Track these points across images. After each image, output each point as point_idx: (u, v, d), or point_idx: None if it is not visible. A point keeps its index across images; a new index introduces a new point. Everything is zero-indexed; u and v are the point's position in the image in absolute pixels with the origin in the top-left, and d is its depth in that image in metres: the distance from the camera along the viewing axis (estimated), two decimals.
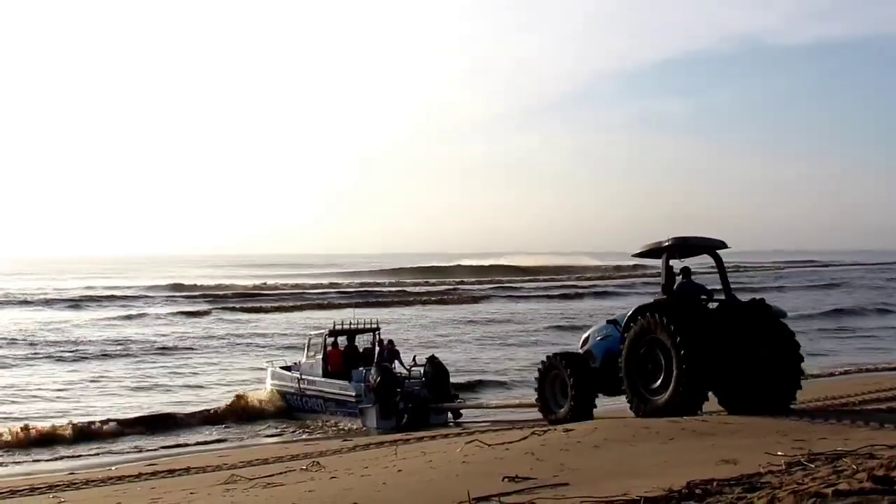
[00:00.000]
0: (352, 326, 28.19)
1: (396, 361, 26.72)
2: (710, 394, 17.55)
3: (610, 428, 16.67)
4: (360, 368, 25.80)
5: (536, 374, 20.18)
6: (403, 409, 24.20)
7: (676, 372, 16.75)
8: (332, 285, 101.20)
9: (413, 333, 48.66)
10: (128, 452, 23.12)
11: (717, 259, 18.83)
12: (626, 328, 17.80)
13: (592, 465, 12.82)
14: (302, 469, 15.53)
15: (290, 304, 71.48)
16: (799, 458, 11.44)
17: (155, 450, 23.36)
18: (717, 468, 11.46)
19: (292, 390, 27.88)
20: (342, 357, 27.24)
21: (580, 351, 19.80)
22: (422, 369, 25.81)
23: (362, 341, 28.17)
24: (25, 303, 72.30)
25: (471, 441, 15.86)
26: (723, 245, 18.76)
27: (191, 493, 13.42)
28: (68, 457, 22.69)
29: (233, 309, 66.68)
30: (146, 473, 17.72)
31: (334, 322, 29.05)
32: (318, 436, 24.62)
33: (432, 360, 25.74)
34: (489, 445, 15.12)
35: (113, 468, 19.46)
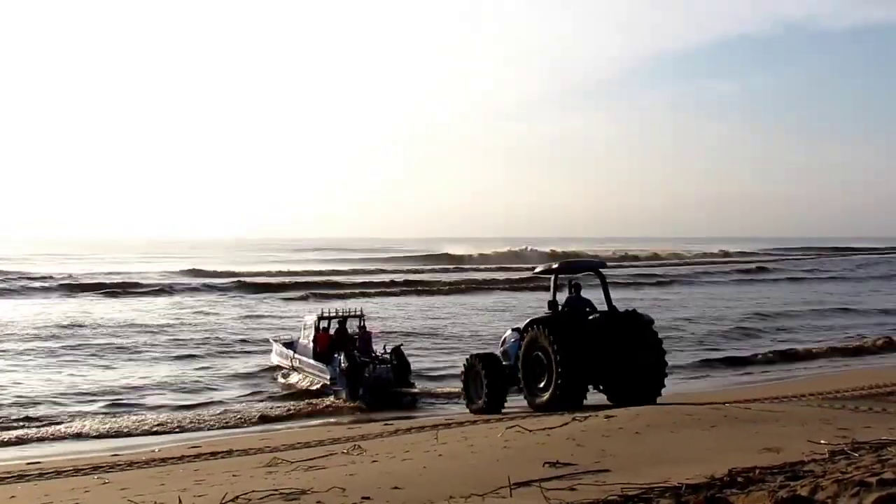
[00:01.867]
0: (339, 313, 31.31)
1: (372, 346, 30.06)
2: (600, 387, 21.01)
3: (652, 414, 16.63)
4: (336, 355, 28.64)
5: (461, 371, 23.08)
6: (364, 390, 27.06)
7: (555, 375, 20.02)
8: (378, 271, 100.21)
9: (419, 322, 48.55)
10: (170, 433, 23.32)
11: (600, 276, 22.35)
12: (522, 336, 21.10)
13: (633, 451, 12.79)
14: (343, 452, 15.58)
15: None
16: (843, 447, 11.35)
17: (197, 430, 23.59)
18: (760, 456, 11.40)
19: (287, 366, 31.59)
20: (329, 340, 30.24)
21: (499, 351, 22.51)
22: (389, 356, 28.44)
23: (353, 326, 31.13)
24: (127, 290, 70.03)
25: (512, 426, 15.86)
26: (602, 265, 23.29)
27: (233, 476, 13.51)
28: (111, 436, 22.88)
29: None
30: (189, 455, 17.84)
31: (322, 309, 32.60)
32: (360, 418, 24.71)
33: (396, 351, 28.57)
34: (530, 431, 15.11)
35: (156, 449, 19.62)
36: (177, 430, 23.60)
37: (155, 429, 23.59)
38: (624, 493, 8.90)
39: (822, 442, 12.27)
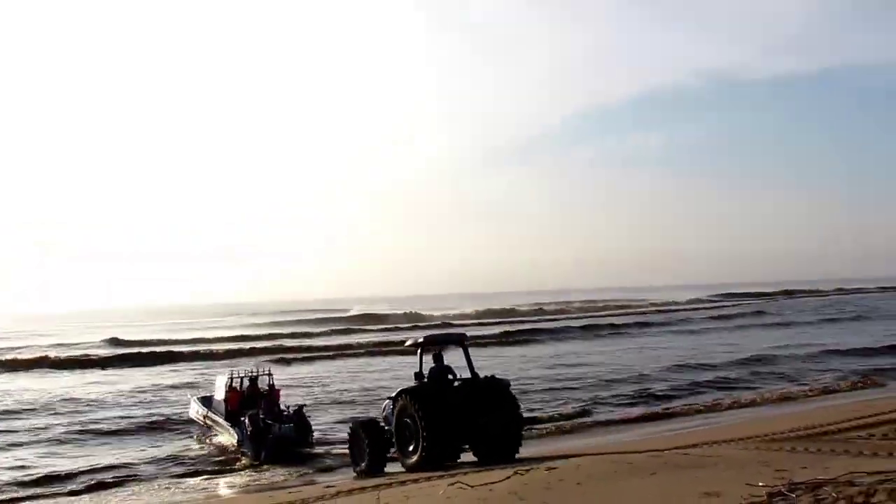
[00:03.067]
0: (250, 373, 33.50)
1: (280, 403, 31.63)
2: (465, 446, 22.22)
3: (593, 465, 16.72)
4: (243, 419, 29.89)
5: (347, 436, 24.55)
6: (268, 450, 28.50)
7: (421, 438, 21.54)
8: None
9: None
10: None
11: (463, 348, 24.10)
12: (393, 405, 22.64)
13: (576, 503, 12.85)
14: None
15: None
16: (780, 489, 11.52)
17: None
18: (700, 501, 11.53)
19: (201, 422, 33.35)
20: (239, 400, 32.03)
21: (381, 417, 23.90)
22: (292, 416, 29.99)
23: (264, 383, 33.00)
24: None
25: (454, 483, 15.85)
26: (464, 337, 25.03)
27: None
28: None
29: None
30: None
31: (231, 370, 34.48)
32: (299, 483, 24.46)
33: (298, 412, 30.13)
34: (472, 487, 15.11)
35: None
36: None
37: None
38: None
39: (761, 484, 12.43)
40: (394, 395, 22.97)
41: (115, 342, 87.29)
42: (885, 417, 24.57)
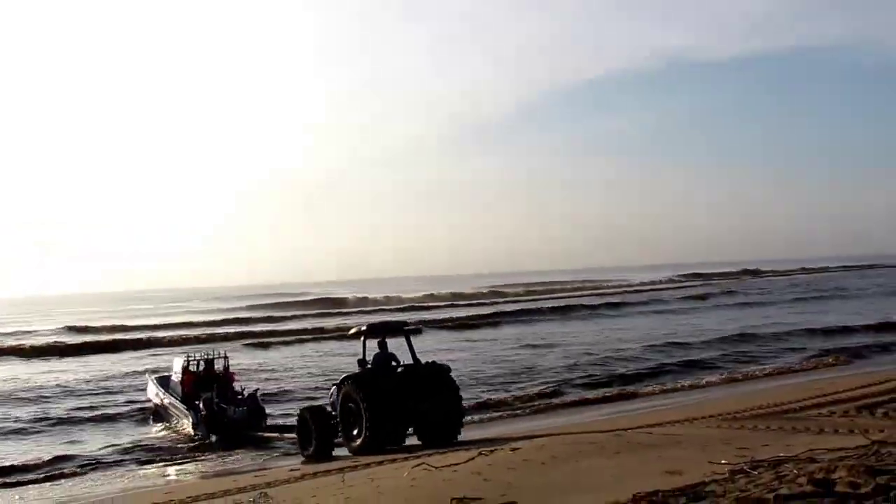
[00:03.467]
0: (206, 356, 33.88)
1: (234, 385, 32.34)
2: (409, 430, 23.15)
3: (556, 445, 16.77)
4: (197, 402, 30.56)
5: (295, 422, 25.15)
6: (221, 433, 29.31)
7: (364, 423, 22.37)
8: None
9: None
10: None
11: (405, 335, 25.11)
12: (338, 391, 23.49)
13: (540, 482, 12.90)
14: (250, 502, 15.43)
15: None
16: (742, 466, 11.60)
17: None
18: (663, 479, 11.58)
19: (158, 403, 33.98)
20: (194, 382, 32.34)
21: (328, 403, 24.51)
22: (246, 400, 30.60)
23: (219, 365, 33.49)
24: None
25: (418, 465, 15.86)
26: (405, 324, 26.22)
27: None
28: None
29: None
30: None
31: (188, 354, 34.66)
32: (272, 465, 24.41)
33: (252, 396, 30.77)
34: (436, 468, 15.13)
35: None
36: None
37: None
38: None
39: (723, 462, 12.52)
40: (338, 381, 23.88)
41: (73, 329, 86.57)
42: (846, 395, 24.82)
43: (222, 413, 30.00)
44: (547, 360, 45.31)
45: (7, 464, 25.97)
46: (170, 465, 26.05)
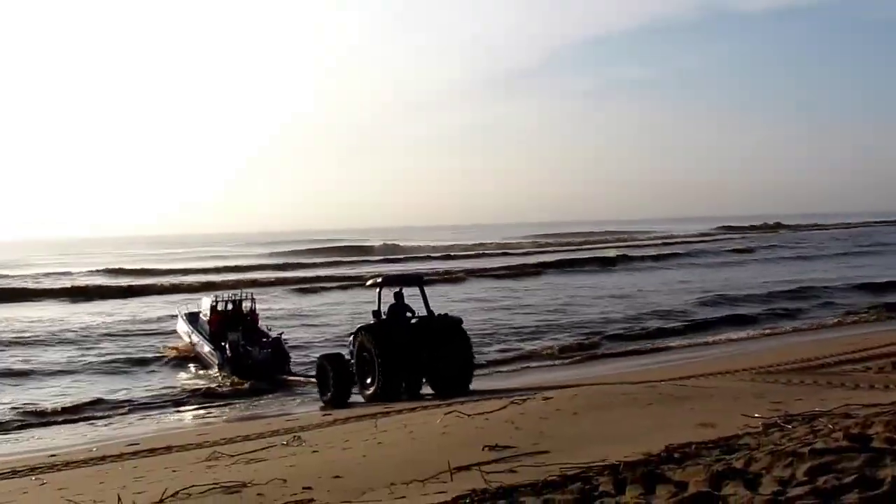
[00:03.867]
0: (234, 297, 34.99)
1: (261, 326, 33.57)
2: (423, 380, 23.93)
3: (589, 395, 16.78)
4: (224, 343, 31.66)
5: (314, 370, 25.96)
6: (246, 374, 30.01)
7: (377, 372, 23.18)
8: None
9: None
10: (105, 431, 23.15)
11: (420, 287, 25.76)
12: (353, 341, 24.32)
13: (571, 432, 12.90)
14: (283, 444, 15.54)
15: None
16: (776, 420, 11.55)
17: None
18: (696, 431, 11.55)
19: (186, 339, 35.13)
20: (220, 322, 33.27)
21: (347, 351, 24.99)
22: (271, 343, 31.37)
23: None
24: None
25: (450, 412, 15.93)
26: (420, 277, 27.94)
27: (173, 471, 13.42)
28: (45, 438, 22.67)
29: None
30: (128, 453, 17.62)
31: (215, 295, 35.77)
32: (298, 410, 24.67)
33: (277, 340, 31.45)
34: (468, 416, 15.18)
35: (94, 448, 19.38)
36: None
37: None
38: (563, 473, 8.97)
39: (756, 416, 12.47)
40: (354, 331, 24.79)
41: (110, 272, 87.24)
42: (882, 351, 24.67)
43: (247, 355, 30.96)
44: (587, 312, 45.13)
45: (43, 406, 26.25)
46: (202, 407, 26.42)
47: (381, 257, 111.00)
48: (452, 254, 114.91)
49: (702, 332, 37.79)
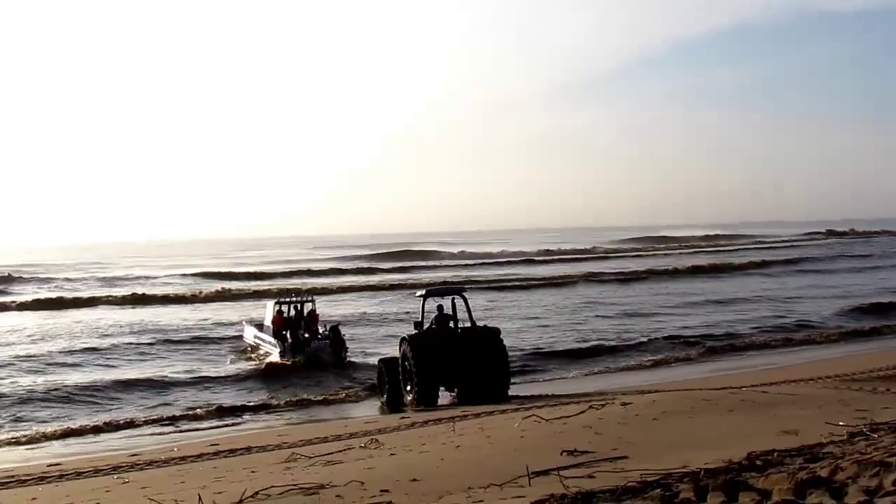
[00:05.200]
0: (293, 298, 37.94)
1: (317, 325, 36.06)
2: (454, 391, 25.08)
3: (669, 401, 16.60)
4: (285, 332, 34.79)
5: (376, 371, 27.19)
6: (305, 359, 32.68)
7: (413, 380, 24.27)
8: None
9: None
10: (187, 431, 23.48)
11: (463, 298, 26.49)
12: (399, 348, 25.34)
13: (651, 437, 12.77)
14: (361, 447, 15.59)
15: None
16: (861, 428, 11.34)
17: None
18: (778, 439, 11.37)
19: (252, 344, 38.17)
20: (283, 321, 35.93)
21: (399, 355, 25.61)
22: (329, 333, 34.02)
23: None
24: None
25: (528, 416, 15.86)
26: (462, 289, 27.92)
27: (252, 472, 13.53)
28: (132, 436, 23.08)
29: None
30: (208, 453, 17.83)
31: (279, 299, 38.98)
32: (375, 413, 24.81)
33: (334, 329, 33.96)
34: (546, 420, 15.11)
35: (175, 448, 19.64)
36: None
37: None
38: (643, 480, 8.88)
39: (841, 424, 12.25)
40: (399, 340, 25.80)
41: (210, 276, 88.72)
42: None
43: (307, 342, 34.04)
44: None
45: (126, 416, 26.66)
46: (275, 410, 26.82)
47: (451, 262, 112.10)
48: (564, 257, 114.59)
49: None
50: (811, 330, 38.73)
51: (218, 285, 74.83)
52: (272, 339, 35.53)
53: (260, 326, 38.46)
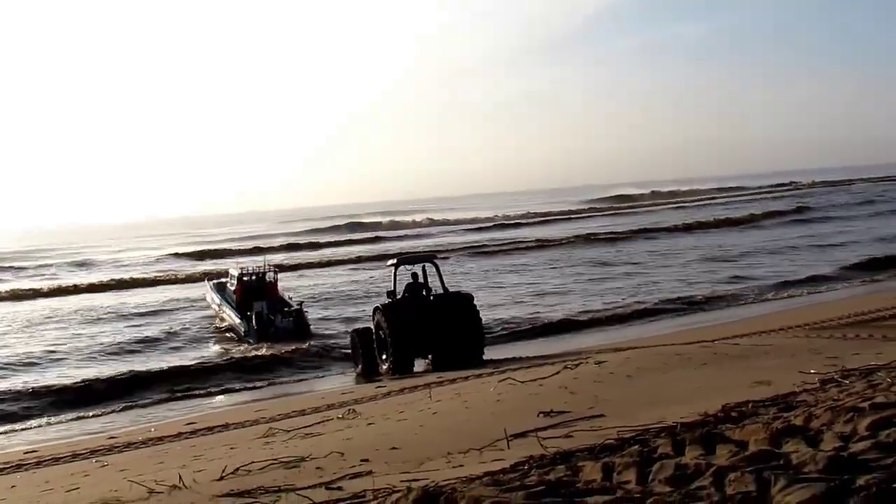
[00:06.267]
0: (256, 269, 38.46)
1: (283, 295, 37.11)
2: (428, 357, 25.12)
3: (642, 357, 16.73)
4: (250, 313, 34.28)
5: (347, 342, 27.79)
6: (269, 338, 32.46)
7: (389, 349, 24.36)
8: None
9: None
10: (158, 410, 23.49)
11: (435, 265, 26.64)
12: (372, 318, 25.51)
13: (627, 395, 12.88)
14: (338, 418, 15.63)
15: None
16: (833, 375, 11.45)
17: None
18: (752, 390, 11.49)
19: (214, 308, 38.80)
20: (245, 291, 36.80)
21: (372, 325, 25.78)
22: (292, 313, 34.31)
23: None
24: None
25: (504, 379, 15.94)
26: (435, 256, 28.56)
27: (231, 448, 13.54)
28: (101, 418, 23.05)
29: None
30: (186, 432, 17.79)
31: (241, 267, 39.59)
32: (350, 384, 24.82)
33: (299, 311, 34.43)
34: (522, 382, 15.19)
35: (152, 429, 19.60)
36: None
37: None
38: (620, 437, 8.94)
39: (812, 372, 12.38)
40: (372, 310, 26.03)
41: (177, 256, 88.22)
42: None
43: (270, 323, 33.60)
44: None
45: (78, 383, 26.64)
46: (248, 382, 26.88)
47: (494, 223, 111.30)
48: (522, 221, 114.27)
49: None
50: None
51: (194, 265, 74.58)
52: (236, 315, 35.53)
53: (222, 288, 39.46)
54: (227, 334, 35.32)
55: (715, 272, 43.13)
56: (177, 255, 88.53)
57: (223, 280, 40.68)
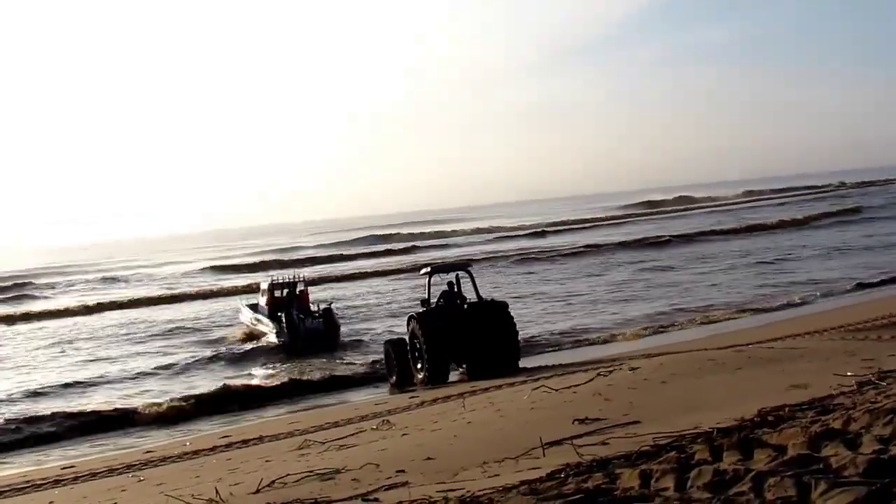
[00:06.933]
0: (286, 280, 39.15)
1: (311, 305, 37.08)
2: (462, 367, 25.03)
3: (676, 363, 16.65)
4: (280, 314, 35.71)
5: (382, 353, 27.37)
6: (301, 340, 33.76)
7: (425, 357, 24.12)
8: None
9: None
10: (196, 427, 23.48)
11: (469, 273, 26.62)
12: (407, 327, 25.42)
13: (662, 401, 12.82)
14: (373, 429, 15.64)
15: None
16: (869, 377, 11.37)
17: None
18: (788, 394, 11.41)
19: (250, 325, 39.05)
20: (277, 302, 37.33)
21: (407, 334, 25.61)
22: (321, 314, 35.20)
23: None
24: None
25: (537, 387, 15.89)
26: (468, 265, 28.56)
27: (266, 461, 13.57)
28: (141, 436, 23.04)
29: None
30: (221, 445, 17.84)
31: (272, 277, 40.81)
32: (383, 394, 24.82)
33: (327, 311, 35.19)
34: (556, 390, 15.15)
35: (188, 443, 19.66)
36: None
37: None
38: (656, 443, 8.90)
39: (849, 374, 12.28)
40: (407, 320, 25.92)
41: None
42: None
43: (301, 322, 34.67)
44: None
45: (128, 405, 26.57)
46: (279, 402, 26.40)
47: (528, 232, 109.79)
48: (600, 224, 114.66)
49: None
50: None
51: (228, 279, 74.82)
52: (268, 320, 36.66)
53: (255, 307, 39.84)
54: (263, 343, 35.82)
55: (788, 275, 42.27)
56: (213, 268, 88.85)
57: (254, 302, 41.16)
